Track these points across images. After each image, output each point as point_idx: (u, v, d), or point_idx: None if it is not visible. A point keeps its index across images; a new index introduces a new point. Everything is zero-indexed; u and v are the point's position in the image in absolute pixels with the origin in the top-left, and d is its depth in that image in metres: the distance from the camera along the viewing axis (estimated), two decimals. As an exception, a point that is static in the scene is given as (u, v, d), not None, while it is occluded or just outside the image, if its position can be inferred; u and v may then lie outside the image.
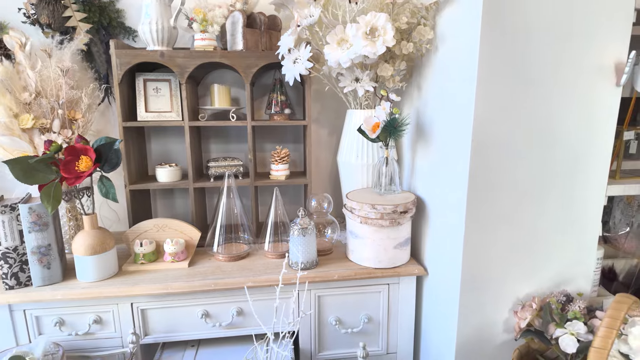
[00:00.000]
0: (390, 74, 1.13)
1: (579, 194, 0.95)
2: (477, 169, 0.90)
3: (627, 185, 0.98)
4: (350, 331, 1.18)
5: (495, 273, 0.97)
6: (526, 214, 0.94)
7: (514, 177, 0.92)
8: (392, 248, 1.14)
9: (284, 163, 1.33)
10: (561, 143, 0.92)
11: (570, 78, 0.89)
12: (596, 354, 0.70)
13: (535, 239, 0.96)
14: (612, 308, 0.74)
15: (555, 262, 0.99)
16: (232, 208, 1.22)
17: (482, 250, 0.95)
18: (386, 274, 1.14)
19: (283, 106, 1.32)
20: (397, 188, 1.21)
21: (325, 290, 1.15)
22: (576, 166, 0.93)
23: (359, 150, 1.27)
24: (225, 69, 1.40)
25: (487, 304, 0.99)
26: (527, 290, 0.99)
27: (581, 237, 0.98)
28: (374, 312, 1.19)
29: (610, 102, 0.91)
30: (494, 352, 1.01)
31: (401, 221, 1.11)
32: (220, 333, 1.14)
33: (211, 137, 1.46)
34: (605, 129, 0.92)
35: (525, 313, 0.95)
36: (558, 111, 0.90)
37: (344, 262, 1.20)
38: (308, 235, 1.13)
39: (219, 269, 1.16)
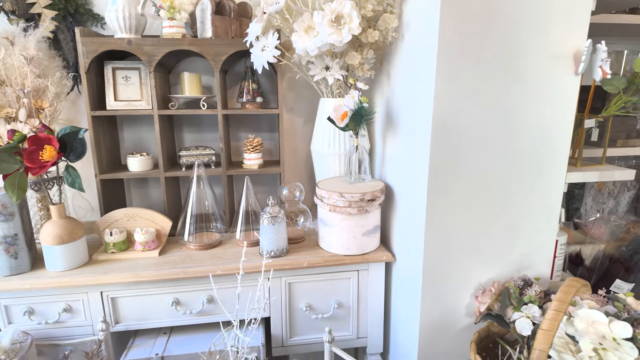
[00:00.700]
0: (359, 62, 1.13)
1: (539, 181, 0.97)
2: (437, 157, 0.91)
3: (587, 172, 1.00)
4: (321, 317, 1.20)
5: (457, 259, 0.99)
6: (487, 201, 0.96)
7: (474, 164, 0.93)
8: (361, 235, 1.15)
9: (256, 152, 1.33)
10: (521, 130, 0.93)
11: (531, 66, 0.89)
12: (543, 336, 0.73)
13: (496, 225, 0.98)
14: (560, 291, 0.77)
15: (516, 248, 1.01)
16: (202, 197, 1.22)
17: (444, 237, 0.97)
18: (355, 261, 1.15)
19: (255, 94, 1.32)
20: (367, 177, 1.22)
21: (296, 277, 1.17)
22: (536, 153, 0.95)
23: (331, 139, 1.27)
24: (196, 57, 1.39)
25: (449, 289, 1.01)
26: (489, 275, 1.02)
27: (542, 223, 1.00)
28: (344, 298, 1.21)
29: (569, 90, 0.92)
30: (456, 336, 1.04)
31: (369, 209, 1.12)
32: (191, 320, 1.15)
33: (184, 126, 1.45)
34: (565, 116, 0.94)
35: (485, 298, 0.97)
36: (518, 99, 0.91)
37: (314, 249, 1.21)
38: (278, 223, 1.14)
39: (189, 257, 1.17)
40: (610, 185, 1.60)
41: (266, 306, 1.17)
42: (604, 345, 0.71)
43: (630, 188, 1.61)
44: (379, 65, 1.25)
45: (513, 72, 0.89)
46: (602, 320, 0.72)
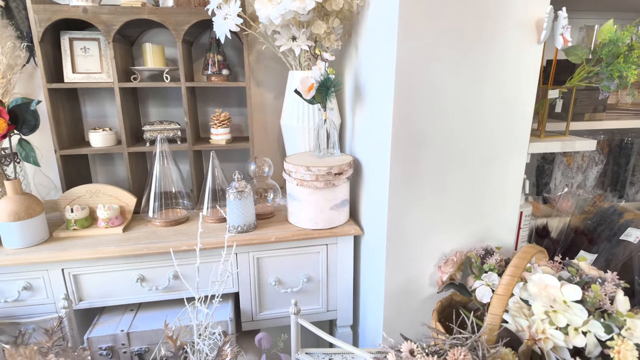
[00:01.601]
0: (324, 31, 1.10)
1: (502, 151, 0.97)
2: (399, 128, 0.90)
3: (549, 142, 1.01)
4: (290, 291, 1.20)
5: (421, 230, 0.99)
6: (450, 171, 0.96)
7: (437, 134, 0.93)
8: (329, 209, 1.15)
9: (224, 127, 1.30)
10: (484, 100, 0.92)
11: (494, 34, 0.88)
12: (497, 300, 0.74)
13: (459, 196, 0.99)
14: (516, 258, 0.78)
15: (480, 219, 1.02)
16: (167, 173, 1.19)
17: (407, 208, 0.97)
18: (323, 235, 1.15)
19: (220, 67, 1.28)
20: (336, 151, 1.21)
21: (264, 252, 1.16)
22: (499, 123, 0.95)
23: (300, 113, 1.25)
24: (160, 29, 1.33)
25: (413, 260, 1.02)
26: (453, 246, 1.03)
27: (505, 193, 1.01)
28: (313, 271, 1.21)
29: (532, 59, 0.92)
30: (420, 305, 1.06)
31: (336, 183, 1.11)
32: (158, 297, 1.14)
33: (150, 101, 1.41)
34: (528, 86, 0.93)
35: (447, 267, 0.98)
36: (481, 68, 0.90)
37: (284, 224, 1.20)
38: (244, 198, 1.12)
39: (154, 234, 1.14)
40: (579, 160, 1.62)
41: (234, 281, 1.17)
42: (555, 307, 0.72)
43: (598, 162, 1.64)
44: (348, 37, 1.22)
45: (476, 40, 0.88)
46: (554, 284, 0.74)
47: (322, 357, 1.04)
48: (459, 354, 0.65)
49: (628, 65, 0.90)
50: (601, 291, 0.71)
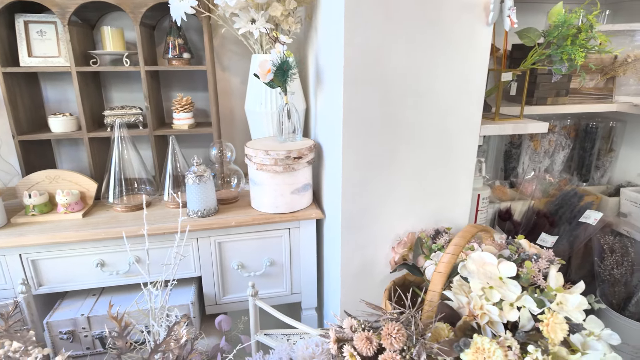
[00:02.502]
0: (281, 13, 1.10)
1: (454, 133, 0.98)
2: (350, 112, 0.91)
3: (501, 125, 1.02)
4: (253, 274, 1.22)
5: (375, 212, 1.01)
6: (402, 154, 0.97)
7: (388, 118, 0.93)
8: (290, 193, 1.15)
9: (186, 111, 1.30)
10: (435, 82, 0.93)
11: (443, 16, 0.88)
12: (437, 278, 0.76)
13: (413, 179, 1.00)
14: (457, 237, 0.79)
15: (433, 200, 1.03)
16: (127, 159, 1.19)
17: (360, 190, 0.98)
18: (285, 219, 1.16)
19: (181, 50, 1.26)
20: (299, 135, 1.21)
21: (226, 236, 1.17)
22: (451, 105, 0.96)
23: (263, 97, 1.24)
24: (121, 12, 1.31)
25: (368, 242, 1.03)
26: (408, 227, 1.04)
27: (457, 176, 1.03)
28: (276, 255, 1.23)
29: (482, 41, 0.92)
30: (377, 286, 1.07)
31: (296, 167, 1.12)
32: (119, 281, 1.14)
33: (112, 86, 1.39)
34: (479, 68, 0.94)
35: (400, 248, 1.00)
36: (431, 51, 0.90)
37: (246, 209, 1.21)
38: (204, 183, 1.12)
39: (114, 219, 1.14)
40: (546, 145, 1.64)
41: (196, 265, 1.18)
42: (492, 284, 0.74)
43: (564, 147, 1.67)
44: (309, 20, 1.21)
45: (425, 23, 0.88)
46: (492, 262, 0.75)
47: (280, 338, 1.06)
48: (393, 328, 0.67)
49: (576, 48, 0.91)
50: (535, 268, 0.73)
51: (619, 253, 1.39)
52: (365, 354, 0.68)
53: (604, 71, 1.43)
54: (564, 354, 0.66)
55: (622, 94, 1.47)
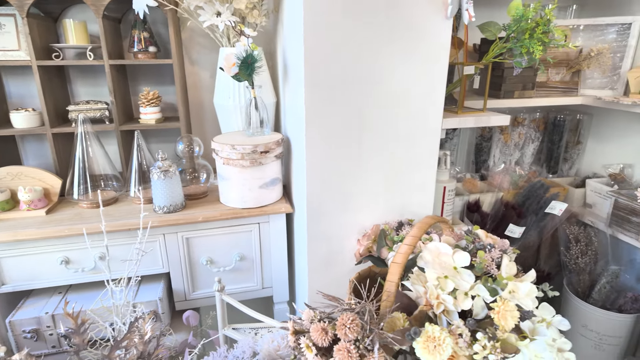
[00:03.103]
0: (246, 6, 1.09)
1: (416, 128, 0.99)
2: (312, 105, 0.91)
3: (463, 118, 1.03)
4: (223, 270, 1.21)
5: (341, 204, 1.01)
6: (366, 148, 0.98)
7: (350, 111, 0.94)
8: (258, 188, 1.15)
9: (153, 106, 1.28)
10: (396, 77, 0.93)
11: (402, 11, 0.89)
12: (393, 268, 0.77)
13: (377, 171, 1.01)
14: (414, 228, 0.80)
15: (398, 193, 1.05)
16: (92, 154, 1.17)
17: (325, 184, 0.98)
18: (253, 214, 1.16)
19: (147, 43, 1.24)
20: (267, 129, 1.21)
21: (194, 232, 1.16)
22: (413, 99, 0.96)
23: (232, 91, 1.24)
24: (85, 4, 1.28)
25: (334, 235, 1.04)
26: (374, 220, 1.05)
27: (420, 169, 1.04)
28: (246, 250, 1.22)
29: (442, 34, 0.93)
30: (344, 278, 1.08)
31: (263, 161, 1.12)
32: (85, 278, 1.13)
33: (78, 80, 1.36)
34: (439, 61, 0.95)
35: (365, 240, 1.01)
36: (390, 45, 0.91)
37: (214, 204, 1.20)
38: (169, 178, 1.11)
39: (78, 215, 1.13)
40: (516, 138, 1.67)
41: (164, 261, 1.17)
42: (447, 274, 0.75)
43: (534, 140, 1.70)
44: (276, 13, 1.21)
45: (384, 16, 0.88)
46: (447, 252, 0.77)
47: (248, 332, 1.06)
48: (347, 319, 0.68)
49: (534, 42, 0.92)
50: (487, 257, 0.75)
51: (584, 243, 1.43)
52: (321, 344, 0.69)
53: (569, 65, 1.46)
54: (513, 340, 0.68)
55: (587, 87, 1.50)
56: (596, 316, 1.41)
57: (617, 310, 1.39)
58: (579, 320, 1.47)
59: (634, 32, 1.41)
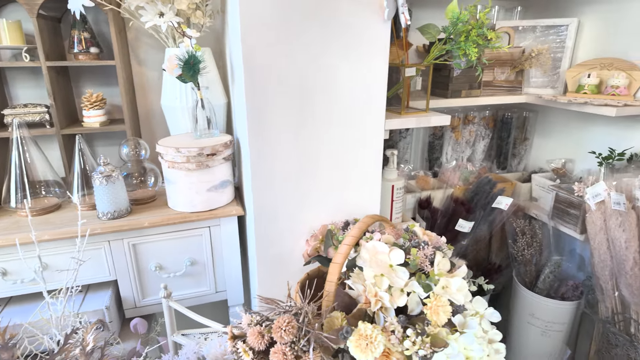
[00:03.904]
0: (187, 6, 1.07)
1: (360, 128, 1.01)
2: (253, 107, 0.91)
3: (405, 119, 1.06)
4: (173, 275, 1.19)
5: (288, 206, 1.02)
6: (311, 148, 0.98)
7: (292, 113, 0.94)
8: (206, 191, 1.13)
9: (97, 109, 1.24)
10: (337, 78, 0.95)
11: (340, 12, 0.90)
12: (333, 268, 0.78)
13: (324, 172, 1.02)
14: (354, 228, 0.82)
15: (345, 194, 1.06)
16: (29, 160, 1.12)
17: (270, 186, 0.98)
18: (202, 217, 1.14)
19: (88, 44, 1.20)
20: (216, 131, 1.19)
21: (140, 238, 1.13)
22: (355, 101, 0.98)
23: (179, 92, 1.21)
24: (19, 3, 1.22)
25: (283, 235, 1.04)
26: (322, 220, 1.06)
27: (366, 168, 1.05)
28: (197, 254, 1.21)
29: (381, 36, 0.95)
30: (295, 279, 1.08)
31: (210, 164, 1.10)
32: (25, 290, 1.08)
33: (16, 82, 1.30)
34: (379, 64, 0.97)
35: (313, 241, 1.02)
36: (330, 46, 0.91)
37: (162, 209, 1.18)
38: (112, 183, 1.08)
39: (15, 224, 1.08)
40: (467, 135, 1.73)
41: (110, 269, 1.14)
42: (383, 271, 0.77)
43: (484, 137, 1.76)
44: (222, 14, 1.19)
45: (322, 18, 0.89)
46: (383, 251, 0.79)
47: (198, 337, 1.05)
48: (283, 321, 0.68)
49: (469, 44, 0.95)
50: (421, 254, 0.77)
51: (529, 235, 1.50)
52: (258, 348, 0.69)
53: (513, 65, 1.52)
54: (444, 334, 0.71)
55: (532, 86, 1.57)
56: (542, 304, 1.48)
57: (561, 298, 1.47)
58: (527, 309, 1.53)
59: (571, 33, 1.48)
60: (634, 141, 1.35)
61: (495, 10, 1.63)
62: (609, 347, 1.36)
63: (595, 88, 1.38)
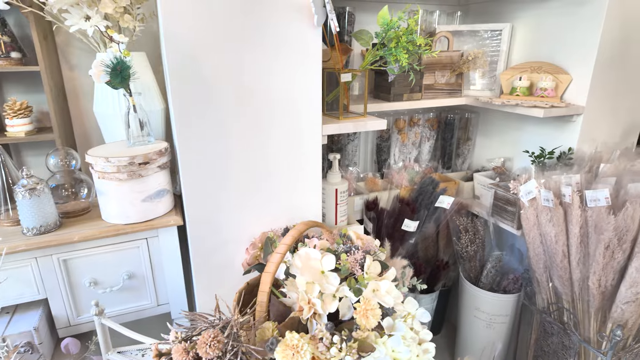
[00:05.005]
0: (114, 10, 1.02)
1: (297, 134, 1.01)
2: (182, 114, 0.88)
3: (342, 124, 1.07)
4: (110, 290, 1.14)
5: (226, 214, 1.00)
6: (248, 155, 0.97)
7: (227, 119, 0.92)
8: (141, 202, 1.09)
9: (22, 117, 1.16)
10: (271, 84, 0.94)
11: (271, 18, 0.89)
12: (265, 278, 0.77)
13: (262, 178, 1.00)
14: (287, 235, 0.81)
15: (286, 199, 1.05)
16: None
17: (205, 194, 0.96)
18: (138, 229, 1.10)
19: (8, 49, 1.13)
20: (151, 138, 1.15)
21: (72, 253, 1.07)
22: (291, 106, 0.97)
23: (112, 98, 1.16)
24: None
25: (222, 244, 1.02)
26: (263, 227, 1.05)
27: (306, 173, 1.05)
28: (135, 267, 1.16)
29: (313, 42, 0.95)
30: (236, 289, 1.07)
31: (143, 173, 1.06)
32: (-61, 316, 1.00)
33: None
34: (313, 69, 0.97)
35: (252, 249, 1.00)
36: (262, 52, 0.91)
37: (96, 221, 1.12)
38: (36, 196, 1.01)
39: None
40: (413, 137, 1.77)
41: (39, 287, 1.07)
42: (314, 278, 0.77)
43: (429, 138, 1.81)
44: (156, 17, 1.15)
45: (252, 24, 0.88)
46: (316, 257, 0.79)
47: (135, 354, 1.01)
48: (209, 336, 0.66)
49: (400, 50, 0.97)
50: (351, 259, 0.78)
51: (472, 232, 1.56)
52: (183, 365, 0.67)
53: (453, 68, 1.57)
54: (373, 338, 0.71)
55: (469, 88, 1.63)
56: (486, 298, 1.54)
57: (503, 292, 1.53)
58: (473, 303, 1.59)
59: (505, 38, 1.55)
60: (562, 140, 1.43)
61: (436, 14, 1.68)
62: (546, 336, 1.43)
63: (526, 90, 1.45)
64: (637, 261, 1.10)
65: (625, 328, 1.19)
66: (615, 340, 1.16)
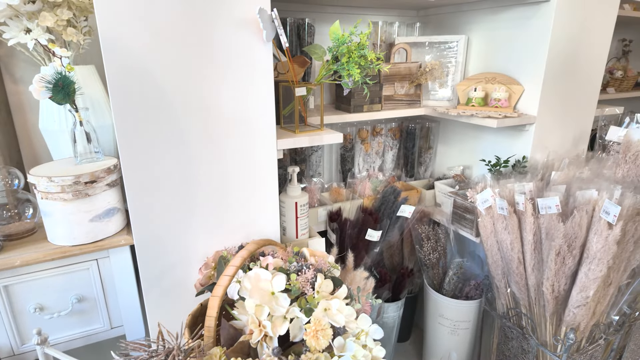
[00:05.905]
0: (56, 23, 0.98)
1: (250, 149, 0.99)
2: (125, 132, 0.85)
3: (298, 138, 1.06)
4: (57, 315, 1.08)
5: (176, 234, 0.97)
6: (197, 172, 0.94)
7: (174, 136, 0.90)
8: (89, 221, 1.04)
9: (-42, 135, 1.09)
10: (221, 99, 0.92)
11: (218, 34, 0.88)
12: (212, 301, 0.75)
13: (214, 196, 0.98)
14: (236, 256, 0.79)
15: (241, 215, 1.03)
16: None
17: (153, 213, 0.93)
18: (86, 250, 1.05)
19: (-59, 63, 1.06)
20: (100, 155, 1.11)
21: (14, 278, 1.01)
22: (242, 122, 0.96)
23: (58, 113, 1.11)
24: None
25: (174, 265, 0.99)
26: (216, 245, 1.02)
27: (261, 188, 1.04)
28: (85, 290, 1.11)
29: (263, 57, 0.94)
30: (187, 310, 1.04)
31: (90, 192, 1.02)
32: None
33: None
34: (265, 83, 0.96)
35: (205, 268, 0.98)
36: (211, 68, 0.89)
37: (41, 243, 1.06)
38: (-28, 219, 0.95)
39: None
40: (376, 146, 1.78)
41: (-24, 317, 1.00)
42: (264, 300, 0.75)
43: (392, 147, 1.83)
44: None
45: (200, 39, 0.86)
46: (266, 278, 0.77)
47: (83, 384, 0.96)
48: (150, 367, 0.63)
49: (352, 65, 0.98)
50: (301, 278, 0.77)
51: (433, 240, 1.58)
52: (123, 399, 0.64)
53: (411, 79, 1.59)
54: (323, 359, 0.70)
55: (428, 99, 1.66)
56: (449, 305, 1.56)
57: (465, 298, 1.56)
58: (437, 310, 1.61)
59: (461, 49, 1.59)
60: (516, 149, 1.47)
61: (396, 26, 1.71)
62: (507, 341, 1.46)
63: (482, 100, 1.49)
64: (586, 266, 1.14)
65: (577, 331, 1.23)
66: (569, 343, 1.19)
